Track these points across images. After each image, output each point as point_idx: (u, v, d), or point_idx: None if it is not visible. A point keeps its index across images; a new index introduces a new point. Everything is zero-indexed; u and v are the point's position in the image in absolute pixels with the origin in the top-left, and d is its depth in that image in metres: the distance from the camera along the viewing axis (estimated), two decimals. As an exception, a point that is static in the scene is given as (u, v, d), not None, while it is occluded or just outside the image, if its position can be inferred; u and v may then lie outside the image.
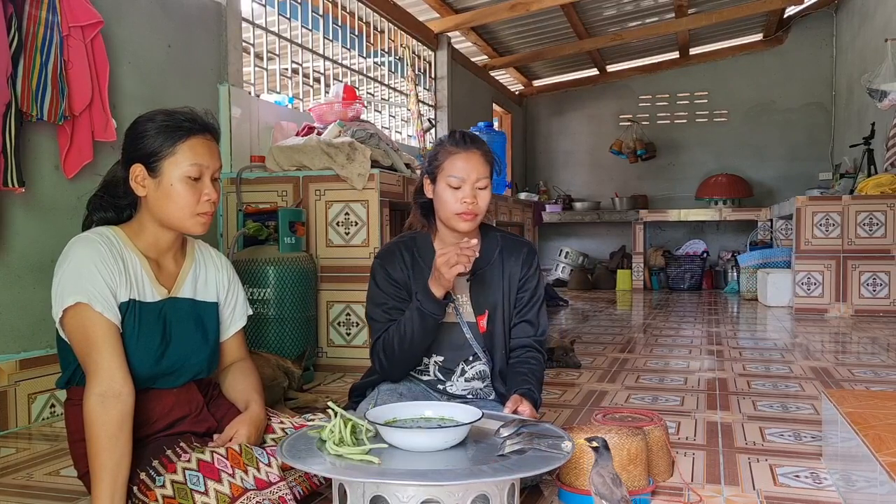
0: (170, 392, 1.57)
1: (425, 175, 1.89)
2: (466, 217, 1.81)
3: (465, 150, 1.82)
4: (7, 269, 2.45)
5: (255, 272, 3.02)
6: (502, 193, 5.47)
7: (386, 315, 1.88)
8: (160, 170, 1.50)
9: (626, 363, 3.44)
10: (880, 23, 6.18)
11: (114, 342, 1.42)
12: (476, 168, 1.80)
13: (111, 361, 1.40)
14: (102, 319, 1.42)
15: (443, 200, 1.83)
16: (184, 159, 1.50)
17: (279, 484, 1.44)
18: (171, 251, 1.60)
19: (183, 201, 1.50)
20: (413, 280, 1.89)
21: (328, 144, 3.35)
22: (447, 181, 1.81)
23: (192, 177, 1.51)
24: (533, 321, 1.94)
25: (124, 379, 1.40)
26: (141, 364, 1.48)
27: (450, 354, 1.93)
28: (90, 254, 1.45)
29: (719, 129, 8.60)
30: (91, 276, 1.42)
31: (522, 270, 1.94)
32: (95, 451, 1.35)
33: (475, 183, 1.80)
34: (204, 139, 1.54)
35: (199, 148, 1.52)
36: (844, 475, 1.65)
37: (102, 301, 1.42)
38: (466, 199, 1.79)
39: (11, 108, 2.28)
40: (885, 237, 5.24)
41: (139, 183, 1.52)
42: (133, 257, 1.52)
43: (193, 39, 3.37)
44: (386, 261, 1.92)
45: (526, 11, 6.07)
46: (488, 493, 1.29)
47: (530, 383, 1.84)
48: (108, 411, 1.36)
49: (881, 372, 3.18)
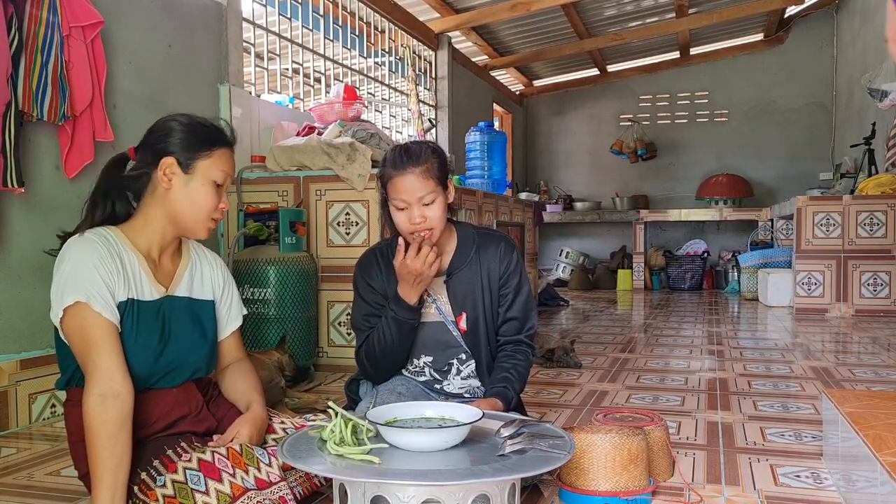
0: (169, 392, 1.57)
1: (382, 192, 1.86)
2: (419, 237, 1.78)
3: (402, 171, 1.75)
4: (7, 269, 2.45)
5: (256, 272, 3.02)
6: (503, 193, 5.46)
7: (367, 323, 1.91)
8: (194, 167, 1.54)
9: (626, 363, 3.44)
10: (881, 23, 6.17)
11: (112, 342, 1.42)
12: (417, 187, 1.75)
13: (110, 361, 1.40)
14: (101, 319, 1.42)
15: (396, 221, 1.81)
16: (217, 164, 1.56)
17: (280, 484, 1.44)
18: (169, 249, 1.61)
19: (204, 203, 1.55)
20: (388, 286, 1.89)
21: (329, 145, 3.35)
22: (394, 204, 1.79)
23: (219, 182, 1.57)
24: (519, 317, 1.93)
25: (123, 379, 1.40)
26: (140, 363, 1.48)
27: (438, 354, 1.93)
28: (88, 253, 1.45)
29: (720, 128, 8.60)
30: (90, 276, 1.43)
31: (502, 266, 1.92)
32: (95, 452, 1.35)
33: (420, 202, 1.75)
34: (231, 151, 1.62)
35: (228, 158, 1.60)
36: (845, 475, 1.65)
37: (101, 300, 1.42)
38: (415, 220, 1.76)
39: (11, 108, 2.28)
40: (885, 237, 5.24)
41: (167, 175, 1.53)
42: (131, 256, 1.52)
43: (194, 39, 3.37)
44: (363, 269, 1.94)
45: (526, 11, 6.07)
46: (489, 493, 1.29)
47: (507, 379, 1.84)
48: (107, 411, 1.36)
49: (882, 372, 3.18)
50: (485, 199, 4.74)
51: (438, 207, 1.78)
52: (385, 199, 1.88)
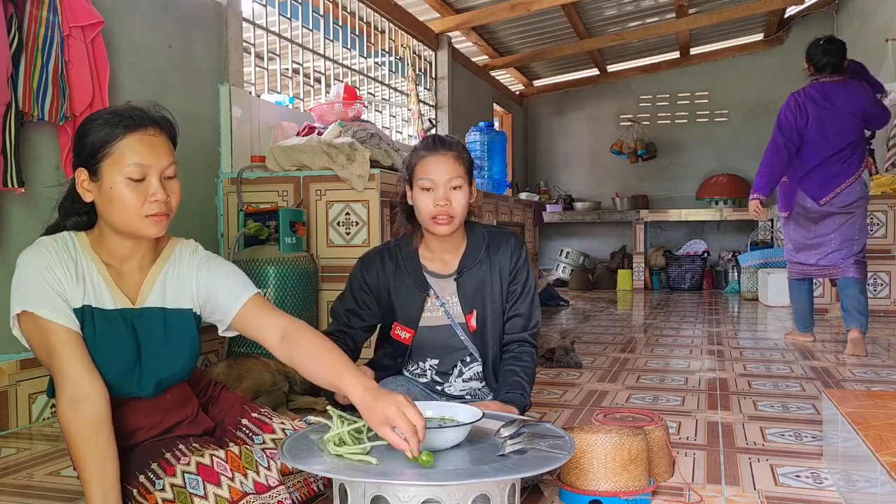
0: (159, 401, 1.54)
1: (405, 182, 1.90)
2: (441, 221, 1.80)
3: (434, 152, 1.82)
4: (7, 268, 2.45)
5: (256, 272, 3.02)
6: (503, 193, 5.46)
7: (345, 317, 1.95)
8: (100, 173, 1.40)
9: (626, 363, 3.44)
10: (881, 23, 6.18)
11: (72, 347, 1.37)
12: (447, 169, 1.80)
13: (73, 366, 1.36)
14: (55, 325, 1.37)
15: (418, 205, 1.83)
16: (123, 159, 1.38)
17: (278, 488, 1.43)
18: (134, 258, 1.50)
19: (126, 205, 1.39)
20: (392, 288, 1.91)
21: (328, 145, 3.35)
22: (420, 185, 1.81)
23: (134, 178, 1.39)
24: (525, 314, 1.94)
25: (91, 381, 1.36)
26: (109, 371, 1.42)
27: (444, 357, 1.94)
28: (35, 261, 1.41)
29: (720, 128, 8.60)
30: (35, 284, 1.38)
31: (512, 261, 1.94)
32: (77, 456, 1.33)
33: (448, 184, 1.79)
34: (146, 135, 1.41)
35: (138, 146, 1.39)
36: (845, 475, 1.65)
37: (49, 307, 1.37)
38: (440, 202, 1.78)
39: (12, 108, 2.29)
40: (885, 237, 5.25)
41: (85, 188, 1.44)
42: (89, 263, 1.46)
43: (194, 39, 3.37)
44: (364, 264, 1.96)
45: (526, 11, 6.06)
46: (489, 493, 1.29)
47: (520, 385, 1.84)
48: (80, 415, 1.33)
49: (882, 372, 3.18)
50: (485, 199, 4.75)
51: (463, 197, 1.82)
52: (403, 195, 1.89)
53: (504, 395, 1.83)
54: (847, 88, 3.66)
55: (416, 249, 1.94)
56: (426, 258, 1.94)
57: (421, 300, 1.91)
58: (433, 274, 1.93)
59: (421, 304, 1.91)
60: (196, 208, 3.37)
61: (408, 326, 1.92)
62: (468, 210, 1.87)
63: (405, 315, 1.92)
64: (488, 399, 1.95)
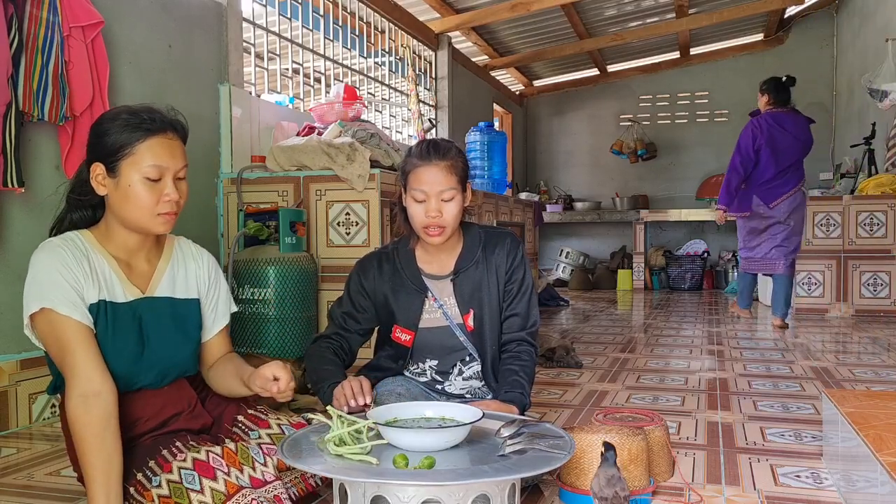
0: (160, 391, 1.56)
1: (401, 185, 1.89)
2: (432, 232, 1.80)
3: (427, 162, 1.79)
4: (7, 268, 2.45)
5: (256, 272, 3.02)
6: (503, 193, 5.46)
7: (342, 320, 1.96)
8: (119, 170, 1.47)
9: (626, 363, 3.44)
10: (881, 23, 6.18)
11: (86, 343, 1.41)
12: (439, 181, 1.78)
13: (86, 363, 1.39)
14: (71, 322, 1.40)
15: (411, 213, 1.83)
16: (142, 160, 1.46)
17: (274, 483, 1.44)
18: (142, 251, 1.57)
19: (141, 202, 1.47)
20: (390, 292, 1.92)
21: (328, 145, 3.35)
22: (412, 195, 1.81)
23: (151, 178, 1.47)
24: (522, 314, 1.94)
25: (102, 378, 1.39)
26: (118, 364, 1.46)
27: (443, 358, 1.94)
28: (51, 260, 1.43)
29: (720, 128, 8.60)
30: (53, 282, 1.41)
31: (508, 260, 1.94)
32: (84, 452, 1.35)
33: (439, 196, 1.78)
34: (165, 138, 1.50)
35: (158, 148, 1.48)
36: (845, 475, 1.65)
37: (68, 304, 1.41)
38: (431, 213, 1.78)
39: (12, 108, 2.29)
40: (885, 237, 5.25)
41: (99, 182, 1.49)
42: (100, 258, 1.50)
43: (194, 39, 3.37)
44: (361, 268, 1.97)
45: (526, 11, 6.07)
46: (489, 493, 1.29)
47: (519, 384, 1.84)
48: (89, 411, 1.35)
49: (882, 372, 3.18)
50: (485, 199, 4.75)
51: (455, 206, 1.81)
52: (400, 196, 1.89)
53: (504, 395, 1.82)
54: (796, 119, 4.60)
55: (413, 251, 1.94)
56: (423, 260, 1.94)
57: (420, 302, 1.91)
58: (430, 276, 1.93)
59: (420, 306, 1.91)
60: (196, 208, 3.37)
61: (408, 329, 1.92)
62: (463, 213, 1.86)
63: (405, 317, 1.92)
64: (488, 398, 1.95)
